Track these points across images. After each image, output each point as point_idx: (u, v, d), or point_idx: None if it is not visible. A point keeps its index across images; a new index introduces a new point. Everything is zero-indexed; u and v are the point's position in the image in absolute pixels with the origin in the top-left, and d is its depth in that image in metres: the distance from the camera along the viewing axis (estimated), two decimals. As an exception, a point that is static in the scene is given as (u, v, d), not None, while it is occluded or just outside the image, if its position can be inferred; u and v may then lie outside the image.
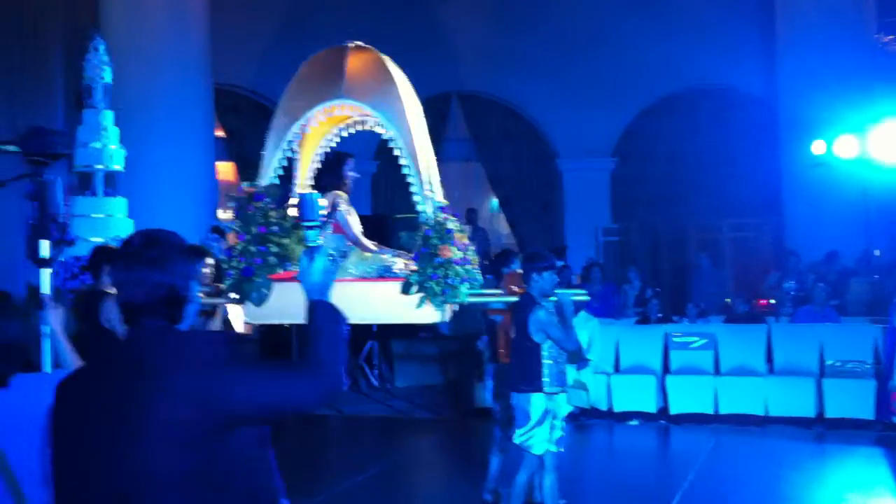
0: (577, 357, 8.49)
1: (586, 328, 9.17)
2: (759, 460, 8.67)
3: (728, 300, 12.03)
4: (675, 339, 10.13)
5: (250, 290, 5.15)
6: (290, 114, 5.53)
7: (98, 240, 9.68)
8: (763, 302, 12.17)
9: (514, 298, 5.93)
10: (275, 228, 5.19)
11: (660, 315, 10.82)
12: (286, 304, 4.97)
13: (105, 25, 12.04)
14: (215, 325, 5.68)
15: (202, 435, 2.12)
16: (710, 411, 9.66)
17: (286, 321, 5.73)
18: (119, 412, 2.13)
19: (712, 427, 9.53)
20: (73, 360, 3.25)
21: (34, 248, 3.61)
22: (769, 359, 9.88)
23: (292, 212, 5.26)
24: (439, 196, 6.10)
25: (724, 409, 9.62)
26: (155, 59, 12.05)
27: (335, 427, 10.44)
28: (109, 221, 9.94)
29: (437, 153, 5.80)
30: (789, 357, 9.76)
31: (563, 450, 5.98)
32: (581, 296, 6.78)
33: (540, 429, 5.84)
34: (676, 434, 9.57)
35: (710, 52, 15.09)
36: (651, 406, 9.88)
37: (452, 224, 5.89)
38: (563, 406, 6.07)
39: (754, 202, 14.76)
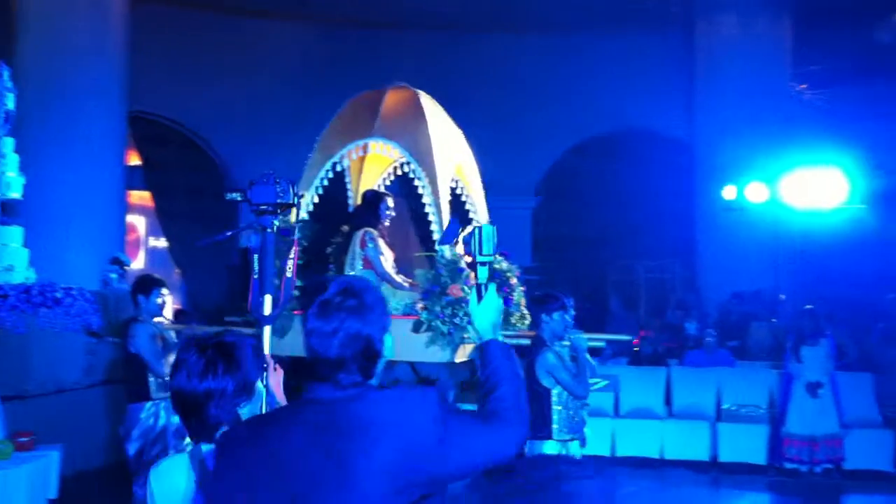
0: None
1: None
2: (652, 504, 8.66)
3: (635, 341, 12.07)
4: (578, 381, 10.10)
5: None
6: (324, 152, 5.66)
7: (-10, 268, 9.47)
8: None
9: (527, 341, 5.75)
10: (300, 263, 5.21)
11: (568, 356, 10.79)
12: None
13: (20, 50, 11.89)
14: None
15: (407, 501, 2.00)
16: (608, 454, 9.64)
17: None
18: (321, 477, 1.98)
19: (609, 470, 9.50)
20: None
21: (258, 304, 3.42)
22: (668, 402, 9.92)
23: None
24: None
25: (622, 452, 9.60)
26: (67, 85, 11.89)
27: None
28: (4, 251, 9.67)
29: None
30: (687, 400, 9.80)
31: None
32: (596, 340, 6.67)
33: None
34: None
35: (634, 95, 15.29)
36: (551, 448, 9.82)
37: (506, 265, 5.86)
38: (578, 454, 5.81)
39: (669, 244, 14.91)
